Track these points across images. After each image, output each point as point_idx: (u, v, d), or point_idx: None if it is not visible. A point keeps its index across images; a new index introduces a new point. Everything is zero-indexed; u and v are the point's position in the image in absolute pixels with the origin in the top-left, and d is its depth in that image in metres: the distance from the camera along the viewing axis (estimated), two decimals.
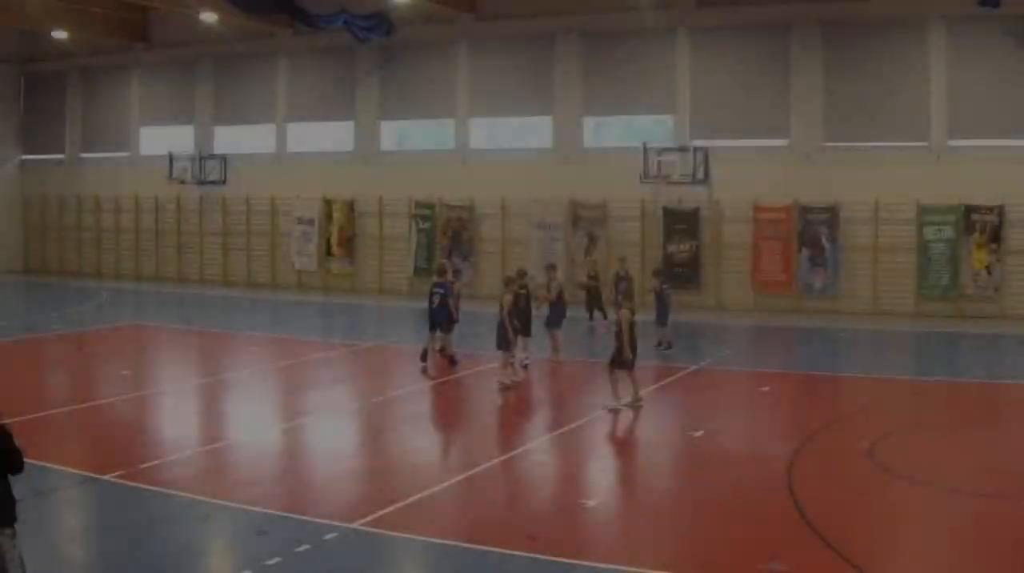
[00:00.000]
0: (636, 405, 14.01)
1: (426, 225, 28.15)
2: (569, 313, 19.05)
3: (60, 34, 31.82)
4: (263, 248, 31.35)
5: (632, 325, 14.10)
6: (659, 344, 18.65)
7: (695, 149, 24.83)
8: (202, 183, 31.85)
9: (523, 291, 16.95)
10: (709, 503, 10.43)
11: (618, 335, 14.07)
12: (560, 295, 18.48)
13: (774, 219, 24.56)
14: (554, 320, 18.07)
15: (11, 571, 6.72)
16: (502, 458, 12.32)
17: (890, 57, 23.94)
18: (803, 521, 9.62)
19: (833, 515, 9.77)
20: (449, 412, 15.64)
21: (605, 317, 21.24)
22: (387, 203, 29.05)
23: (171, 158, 31.94)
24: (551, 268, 19.68)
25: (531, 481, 11.67)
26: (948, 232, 23.15)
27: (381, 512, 9.96)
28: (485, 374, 17.13)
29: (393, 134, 30.07)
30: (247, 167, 31.48)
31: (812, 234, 24.24)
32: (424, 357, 17.23)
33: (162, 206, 33.36)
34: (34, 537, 8.87)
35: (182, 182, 32.02)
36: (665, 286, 19.21)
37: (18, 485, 7.15)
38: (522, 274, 17.41)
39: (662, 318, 18.84)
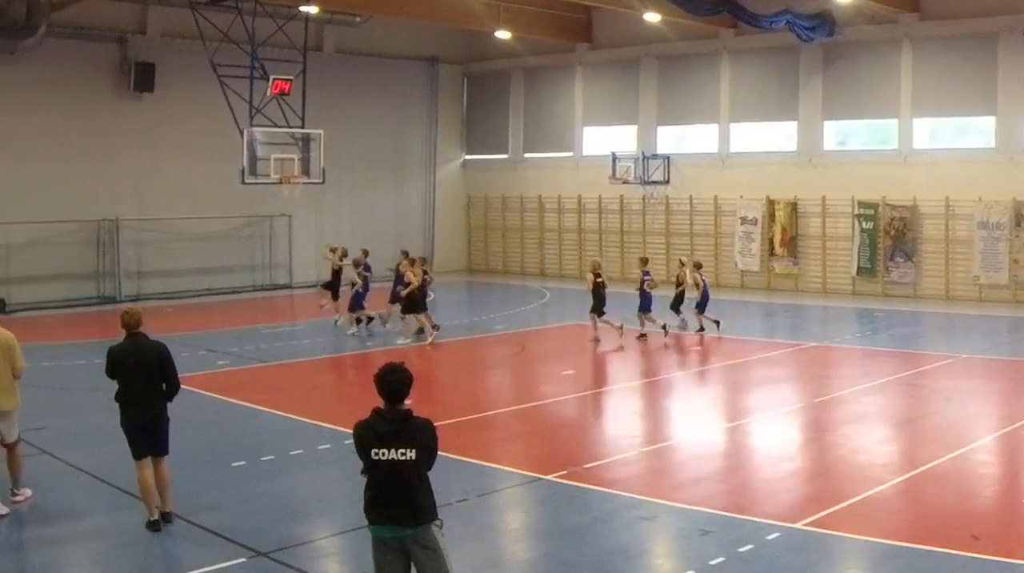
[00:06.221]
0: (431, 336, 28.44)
1: (868, 225, 41.36)
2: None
3: (503, 34, 45.07)
4: (706, 248, 45.39)
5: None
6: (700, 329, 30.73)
7: None
8: (645, 183, 46.66)
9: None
10: None
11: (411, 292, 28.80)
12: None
13: None
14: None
15: (447, 561, 9.14)
16: (945, 458, 15.80)
17: None
18: None
19: None
20: (892, 413, 19.96)
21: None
22: (829, 203, 42.18)
23: (614, 158, 46.77)
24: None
25: (974, 481, 14.80)
26: None
27: (824, 512, 12.91)
28: (927, 374, 23.64)
29: (835, 134, 43.48)
30: (689, 167, 46.28)
31: None
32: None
33: (605, 206, 48.84)
34: (479, 536, 11.74)
35: (625, 182, 46.71)
36: (706, 279, 31.83)
37: (462, 484, 9.83)
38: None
39: (703, 305, 31.04)
